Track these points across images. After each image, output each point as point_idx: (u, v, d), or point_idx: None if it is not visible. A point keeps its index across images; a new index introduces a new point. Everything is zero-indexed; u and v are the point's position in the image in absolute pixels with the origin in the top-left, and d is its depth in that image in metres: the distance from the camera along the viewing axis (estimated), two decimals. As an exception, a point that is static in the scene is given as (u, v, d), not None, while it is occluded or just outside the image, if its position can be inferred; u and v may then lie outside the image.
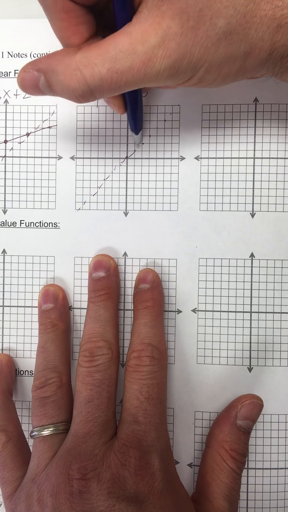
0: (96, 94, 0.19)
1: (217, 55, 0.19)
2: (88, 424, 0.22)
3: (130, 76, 0.19)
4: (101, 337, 0.24)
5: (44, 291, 0.27)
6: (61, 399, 0.24)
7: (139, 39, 0.18)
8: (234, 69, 0.20)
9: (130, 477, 0.21)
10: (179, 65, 0.19)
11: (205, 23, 0.18)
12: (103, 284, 0.26)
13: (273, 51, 0.20)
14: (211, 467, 0.24)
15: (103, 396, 0.23)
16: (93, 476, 0.21)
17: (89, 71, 0.19)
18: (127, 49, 0.18)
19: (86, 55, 0.19)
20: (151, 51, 0.18)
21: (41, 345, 0.26)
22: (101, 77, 0.19)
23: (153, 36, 0.18)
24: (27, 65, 0.20)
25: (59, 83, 0.19)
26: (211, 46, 0.19)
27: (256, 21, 0.19)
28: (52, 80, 0.19)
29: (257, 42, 0.19)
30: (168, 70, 0.19)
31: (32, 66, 0.20)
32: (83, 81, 0.19)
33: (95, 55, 0.19)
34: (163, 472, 0.21)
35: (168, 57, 0.18)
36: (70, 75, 0.19)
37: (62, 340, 0.26)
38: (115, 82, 0.19)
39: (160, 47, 0.18)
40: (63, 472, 0.21)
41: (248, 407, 0.24)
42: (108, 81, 0.19)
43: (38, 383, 0.24)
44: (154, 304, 0.25)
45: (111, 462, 0.21)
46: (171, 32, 0.18)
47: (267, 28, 0.19)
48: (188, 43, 0.18)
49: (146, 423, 0.22)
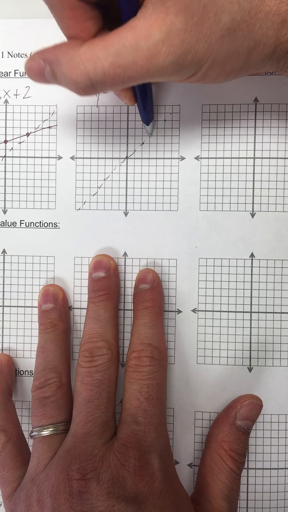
0: (98, 88, 0.19)
1: (221, 51, 0.19)
2: (88, 424, 0.22)
3: (133, 71, 0.19)
4: (101, 337, 0.24)
5: (44, 291, 0.27)
6: (60, 399, 0.24)
7: (143, 34, 0.18)
8: (237, 65, 0.20)
9: (129, 477, 0.21)
10: (183, 61, 0.19)
11: (209, 19, 0.18)
12: (103, 284, 0.26)
13: (277, 47, 0.19)
14: (210, 467, 0.24)
15: (103, 396, 0.23)
16: (92, 476, 0.21)
17: (91, 65, 0.18)
18: (131, 44, 0.18)
19: (90, 48, 0.19)
20: (154, 47, 0.18)
21: (41, 345, 0.26)
22: (103, 71, 0.18)
23: (157, 32, 0.18)
24: (34, 54, 0.20)
25: (63, 75, 0.19)
26: (215, 43, 0.19)
27: (260, 17, 0.19)
28: (56, 71, 0.19)
29: (261, 38, 0.19)
30: (171, 66, 0.19)
31: (39, 56, 0.20)
32: (86, 75, 0.19)
33: (99, 49, 0.18)
34: (163, 472, 0.21)
35: (171, 53, 0.18)
36: (73, 68, 0.19)
37: (62, 340, 0.26)
38: (118, 77, 0.19)
39: (164, 43, 0.18)
40: (63, 472, 0.21)
41: (247, 407, 0.24)
42: (111, 75, 0.19)
43: (38, 383, 0.24)
44: (154, 304, 0.25)
45: (111, 462, 0.21)
46: (175, 28, 0.18)
47: (272, 24, 0.19)
48: (192, 40, 0.18)
49: (145, 423, 0.22)
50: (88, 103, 0.27)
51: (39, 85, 0.27)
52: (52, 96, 0.27)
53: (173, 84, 0.26)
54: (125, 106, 0.27)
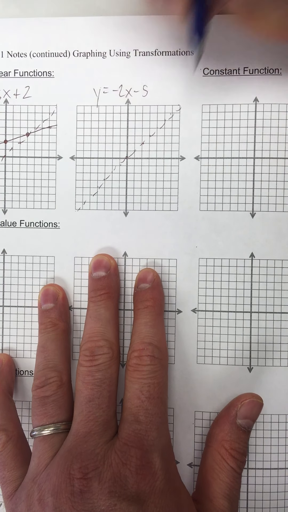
0: None
1: None
2: (89, 423, 0.22)
3: None
4: (102, 336, 0.24)
5: (44, 291, 0.27)
6: (61, 398, 0.24)
7: None
8: None
9: (131, 477, 0.21)
10: None
11: None
12: (103, 284, 0.26)
13: None
14: (211, 466, 0.24)
15: (104, 395, 0.23)
16: (94, 475, 0.21)
17: None
18: None
19: None
20: None
21: (41, 344, 0.26)
22: None
23: None
24: None
25: None
26: None
27: None
28: None
29: None
30: None
31: None
32: None
33: None
34: (164, 471, 0.21)
35: None
36: None
37: (62, 340, 0.26)
38: None
39: None
40: (64, 472, 0.21)
41: (248, 406, 0.24)
42: None
43: (38, 382, 0.24)
44: (155, 304, 0.25)
45: (112, 461, 0.21)
46: None
47: None
48: None
49: (147, 422, 0.22)
50: (88, 103, 0.27)
51: (39, 85, 0.27)
52: (52, 96, 0.27)
53: (173, 84, 0.27)
54: (125, 106, 0.27)
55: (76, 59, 0.27)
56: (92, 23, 0.27)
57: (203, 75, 0.26)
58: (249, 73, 0.26)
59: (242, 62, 0.26)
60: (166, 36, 0.27)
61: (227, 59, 0.26)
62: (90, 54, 0.27)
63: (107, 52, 0.27)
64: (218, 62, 0.26)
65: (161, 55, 0.27)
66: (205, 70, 0.26)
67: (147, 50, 0.27)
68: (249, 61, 0.26)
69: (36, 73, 0.27)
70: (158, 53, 0.27)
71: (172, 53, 0.27)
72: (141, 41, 0.27)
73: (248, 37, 0.26)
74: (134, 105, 0.27)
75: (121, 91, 0.27)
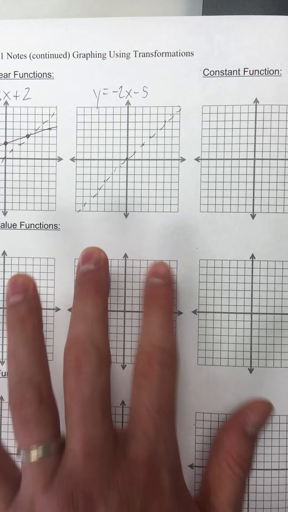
0: None
1: None
2: (86, 445, 0.20)
3: None
4: (88, 338, 0.21)
5: (12, 282, 0.23)
6: (45, 414, 0.21)
7: None
8: None
9: (138, 497, 0.19)
10: None
11: None
12: (91, 277, 0.23)
13: None
14: (217, 474, 0.23)
15: (96, 410, 0.21)
16: (99, 501, 0.19)
17: None
18: None
19: None
20: None
21: (11, 350, 0.22)
22: None
23: None
24: None
25: None
26: None
27: None
28: None
29: None
30: None
31: None
32: None
33: None
34: (173, 488, 0.20)
35: None
36: None
37: (34, 341, 0.22)
38: None
39: None
40: (66, 498, 0.19)
41: (257, 414, 0.24)
42: None
43: (15, 400, 0.21)
44: (168, 303, 0.24)
45: (119, 482, 0.20)
46: None
47: None
48: None
49: (156, 437, 0.21)
50: (88, 104, 0.27)
51: (39, 86, 0.27)
52: (52, 97, 0.27)
53: (173, 85, 0.26)
54: (125, 107, 0.27)
55: (76, 61, 0.27)
56: (92, 24, 0.27)
57: (203, 76, 0.26)
58: (250, 74, 0.26)
59: (242, 63, 0.26)
60: (166, 36, 0.27)
61: (227, 60, 0.26)
62: (90, 55, 0.27)
63: (107, 53, 0.27)
64: (218, 63, 0.26)
65: (161, 56, 0.27)
66: (205, 71, 0.26)
67: (147, 51, 0.27)
68: (249, 62, 0.26)
69: (36, 75, 0.27)
70: (158, 54, 0.27)
71: (172, 54, 0.27)
72: (141, 42, 0.27)
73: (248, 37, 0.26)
74: (134, 107, 0.27)
75: (121, 92, 0.27)
